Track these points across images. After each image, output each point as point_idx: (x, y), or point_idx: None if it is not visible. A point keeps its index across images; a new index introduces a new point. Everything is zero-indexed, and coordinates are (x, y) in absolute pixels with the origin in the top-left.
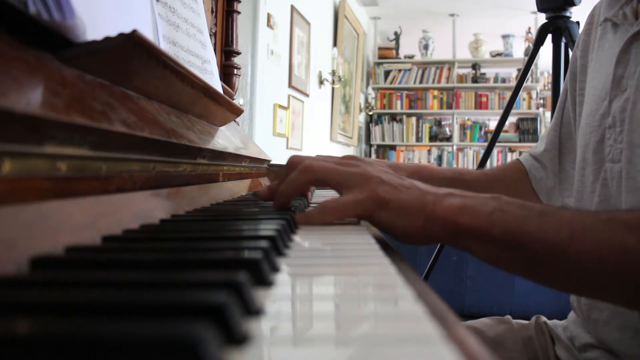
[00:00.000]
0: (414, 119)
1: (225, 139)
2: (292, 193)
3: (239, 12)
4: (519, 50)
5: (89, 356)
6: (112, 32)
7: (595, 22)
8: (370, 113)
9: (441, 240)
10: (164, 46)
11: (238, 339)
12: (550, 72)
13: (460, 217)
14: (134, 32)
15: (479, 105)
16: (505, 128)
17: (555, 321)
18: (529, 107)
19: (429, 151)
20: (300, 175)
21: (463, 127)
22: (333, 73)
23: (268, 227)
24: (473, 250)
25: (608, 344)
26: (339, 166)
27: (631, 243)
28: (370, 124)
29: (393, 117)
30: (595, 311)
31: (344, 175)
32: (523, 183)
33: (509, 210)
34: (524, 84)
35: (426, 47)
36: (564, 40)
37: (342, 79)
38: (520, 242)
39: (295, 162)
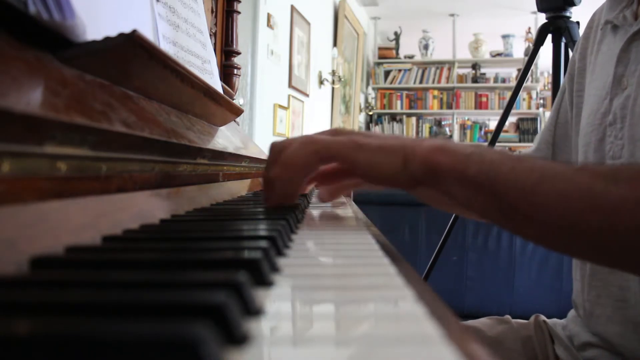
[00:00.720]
0: (414, 119)
1: (225, 139)
2: (297, 170)
3: (239, 12)
4: (519, 50)
5: (89, 356)
6: (112, 32)
7: (595, 26)
8: (370, 113)
9: (424, 183)
10: (164, 46)
11: (238, 339)
12: (550, 72)
13: (439, 156)
14: (134, 32)
15: (479, 105)
16: (505, 128)
17: (554, 320)
18: (529, 107)
19: None
20: (301, 146)
21: (463, 127)
22: (333, 73)
23: (268, 227)
24: (450, 192)
25: (609, 340)
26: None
27: (598, 187)
28: (370, 124)
29: (393, 117)
30: (598, 307)
31: (329, 133)
32: None
33: (486, 154)
34: (524, 84)
35: (426, 47)
36: (564, 40)
37: (342, 79)
38: (492, 183)
39: (280, 146)
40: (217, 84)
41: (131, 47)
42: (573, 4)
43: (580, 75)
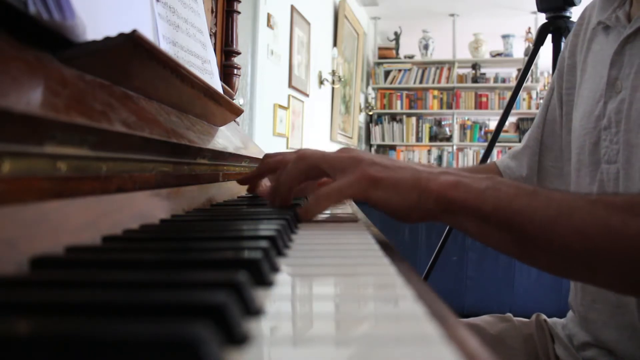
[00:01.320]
0: (414, 119)
1: (225, 139)
2: (291, 184)
3: (239, 12)
4: (519, 50)
5: (89, 356)
6: (112, 32)
7: (585, 23)
8: (370, 113)
9: (435, 217)
10: (164, 46)
11: (238, 339)
12: (550, 72)
13: (454, 192)
14: (134, 32)
15: (479, 105)
16: (505, 128)
17: (554, 319)
18: (529, 107)
19: (429, 151)
20: (294, 164)
21: (463, 127)
22: (333, 73)
23: (268, 227)
24: (466, 228)
25: (606, 344)
26: (331, 153)
27: (615, 223)
28: (370, 124)
29: (393, 117)
30: (593, 312)
31: (336, 159)
32: None
33: (502, 189)
34: (524, 84)
35: (426, 47)
36: (564, 40)
37: (342, 79)
38: (509, 219)
39: (274, 160)
40: (217, 84)
41: (131, 47)
42: (573, 4)
43: (570, 72)
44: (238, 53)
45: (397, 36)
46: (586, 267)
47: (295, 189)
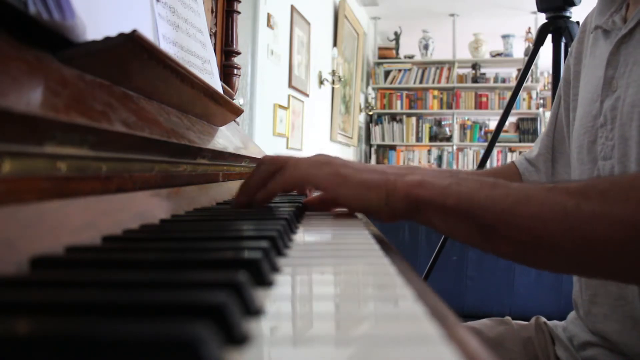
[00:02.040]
0: (414, 119)
1: (225, 139)
2: (276, 194)
3: (239, 12)
4: (519, 50)
5: (89, 356)
6: (112, 32)
7: (588, 30)
8: (370, 113)
9: (405, 216)
10: (164, 46)
11: (238, 339)
12: (550, 72)
13: (419, 190)
14: (134, 32)
15: (479, 105)
16: (505, 128)
17: (555, 322)
18: (529, 107)
19: (429, 151)
20: (286, 179)
21: (463, 127)
22: (333, 73)
23: (268, 227)
24: (434, 224)
25: (608, 337)
26: (310, 160)
27: (570, 206)
28: (370, 124)
29: (393, 117)
30: (595, 306)
31: (314, 164)
32: None
33: (464, 184)
34: (524, 84)
35: (426, 47)
36: (564, 40)
37: (342, 79)
38: (471, 211)
39: (268, 160)
40: (217, 84)
41: (131, 47)
42: (573, 4)
43: (576, 79)
44: (238, 53)
45: (397, 36)
46: (547, 253)
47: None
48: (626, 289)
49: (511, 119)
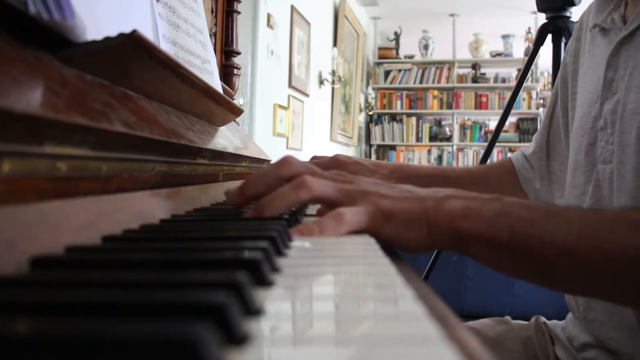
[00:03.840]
0: (414, 119)
1: (225, 139)
2: (282, 209)
3: (239, 12)
4: (519, 50)
5: (89, 356)
6: (112, 32)
7: (585, 27)
8: (370, 113)
9: (448, 248)
10: (164, 46)
11: (238, 339)
12: (550, 72)
13: (463, 222)
14: (134, 32)
15: (479, 105)
16: (505, 128)
17: (554, 321)
18: (529, 107)
19: (429, 151)
20: (296, 192)
21: (463, 127)
22: (333, 73)
23: (268, 227)
24: (479, 256)
25: (605, 343)
26: (337, 183)
27: (638, 242)
28: (370, 124)
29: (393, 117)
30: (592, 311)
31: (343, 192)
32: (511, 182)
33: (514, 213)
34: (524, 84)
35: (426, 47)
36: (564, 40)
37: (342, 79)
38: (527, 247)
39: (286, 165)
40: (217, 84)
41: (131, 47)
42: (573, 4)
43: (574, 77)
44: (238, 53)
45: (397, 36)
46: (611, 288)
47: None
48: None
49: (511, 119)
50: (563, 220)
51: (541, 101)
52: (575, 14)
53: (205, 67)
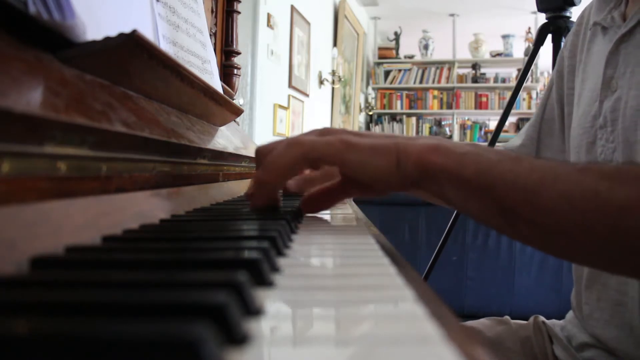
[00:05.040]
0: (414, 119)
1: (225, 139)
2: (279, 173)
3: (239, 12)
4: (519, 50)
5: (89, 356)
6: (112, 32)
7: (585, 23)
8: (370, 113)
9: (415, 184)
10: (164, 46)
11: (238, 339)
12: (550, 72)
13: (433, 155)
14: (134, 32)
15: (479, 105)
16: (505, 128)
17: (553, 321)
18: (529, 107)
19: None
20: (287, 149)
21: (463, 127)
22: (333, 73)
23: (268, 227)
24: (447, 196)
25: (605, 342)
26: (317, 138)
27: (603, 188)
28: (370, 124)
29: (393, 117)
30: (597, 310)
31: (328, 143)
32: None
33: (483, 154)
34: (524, 84)
35: (426, 47)
36: (564, 40)
37: (342, 79)
38: (490, 184)
39: (264, 150)
40: (217, 84)
41: (131, 47)
42: (573, 4)
43: (571, 72)
44: (238, 53)
45: (397, 36)
46: (570, 238)
47: (282, 185)
48: (626, 296)
49: (511, 119)
50: (529, 163)
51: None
52: (575, 14)
53: (205, 67)
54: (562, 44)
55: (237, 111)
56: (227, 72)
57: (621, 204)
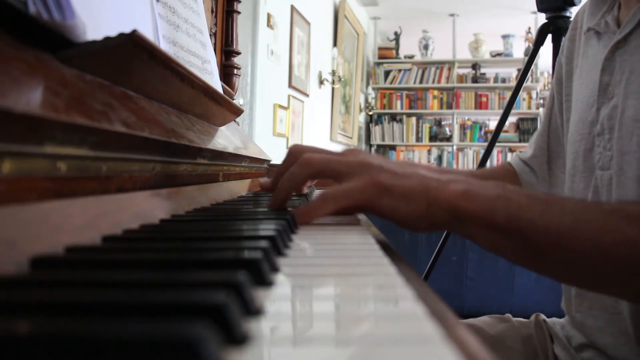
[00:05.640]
0: (414, 119)
1: (225, 139)
2: (290, 188)
3: (239, 12)
4: (519, 50)
5: (89, 356)
6: (112, 32)
7: (579, 27)
8: (370, 113)
9: (445, 227)
10: (164, 46)
11: (238, 339)
12: (550, 72)
13: (463, 202)
14: (134, 32)
15: (479, 105)
16: (505, 128)
17: (554, 319)
18: (529, 107)
19: (429, 151)
20: (299, 168)
21: (463, 127)
22: (333, 73)
23: (268, 227)
24: (476, 238)
25: (602, 347)
26: (338, 156)
27: (633, 235)
28: (370, 124)
29: (393, 117)
30: (590, 318)
31: (343, 164)
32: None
33: (513, 198)
34: (524, 84)
35: (426, 47)
36: (564, 40)
37: (342, 79)
38: (522, 230)
39: (296, 152)
40: (217, 84)
41: (131, 47)
42: (573, 4)
43: (568, 78)
44: (238, 53)
45: (397, 36)
46: (602, 278)
47: (293, 192)
48: (622, 304)
49: (511, 119)
50: (559, 207)
51: (541, 101)
52: (575, 14)
53: (205, 67)
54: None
55: (237, 111)
56: (227, 72)
57: None
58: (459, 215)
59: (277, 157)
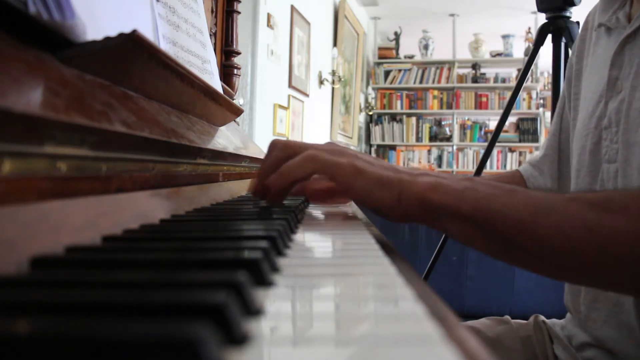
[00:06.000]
0: (414, 119)
1: (225, 139)
2: (292, 180)
3: (239, 12)
4: (519, 50)
5: (89, 356)
6: (112, 32)
7: (590, 27)
8: (370, 113)
9: (418, 219)
10: (164, 46)
11: (238, 339)
12: (550, 72)
13: (433, 193)
14: (134, 32)
15: (479, 105)
16: (505, 128)
17: (553, 320)
18: (529, 107)
19: (429, 151)
20: (304, 162)
21: (463, 127)
22: (333, 73)
23: (268, 227)
24: (448, 230)
25: (604, 342)
26: (330, 157)
27: (591, 219)
28: (370, 124)
29: (393, 117)
30: (594, 311)
31: (334, 167)
32: None
33: (480, 189)
34: (524, 84)
35: (426, 47)
36: (564, 40)
37: (342, 79)
38: (489, 219)
39: (280, 146)
40: (217, 84)
41: (131, 47)
42: (573, 4)
43: (578, 78)
44: (238, 53)
45: (397, 36)
46: (563, 264)
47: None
48: (623, 297)
49: (511, 119)
50: (523, 196)
51: (541, 101)
52: (575, 14)
53: (205, 67)
54: (564, 49)
55: (237, 111)
56: (227, 72)
57: (609, 234)
58: (429, 207)
59: None
